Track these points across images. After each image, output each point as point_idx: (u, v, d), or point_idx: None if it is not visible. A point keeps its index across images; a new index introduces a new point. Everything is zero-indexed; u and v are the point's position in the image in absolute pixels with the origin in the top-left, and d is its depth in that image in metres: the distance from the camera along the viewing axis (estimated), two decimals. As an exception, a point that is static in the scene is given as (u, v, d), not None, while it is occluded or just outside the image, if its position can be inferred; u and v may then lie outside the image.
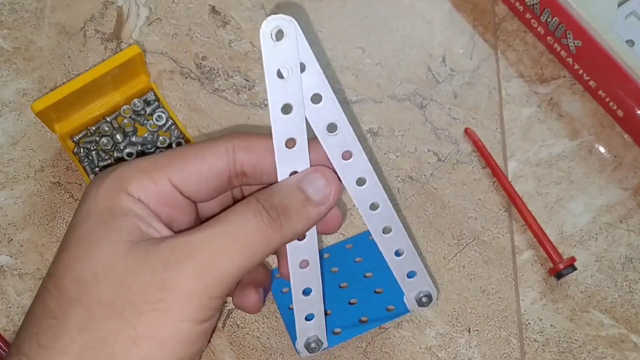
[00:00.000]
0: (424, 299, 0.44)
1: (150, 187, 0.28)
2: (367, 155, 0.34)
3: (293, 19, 0.28)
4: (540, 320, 0.49)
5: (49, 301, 0.27)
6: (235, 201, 0.33)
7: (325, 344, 0.43)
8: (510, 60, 0.57)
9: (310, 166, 0.30)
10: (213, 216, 0.29)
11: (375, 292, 0.47)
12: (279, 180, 0.30)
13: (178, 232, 0.29)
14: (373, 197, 0.36)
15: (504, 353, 0.48)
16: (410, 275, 0.42)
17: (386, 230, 0.39)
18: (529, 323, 0.49)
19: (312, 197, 0.28)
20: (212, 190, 0.30)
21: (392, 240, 0.39)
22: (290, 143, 0.31)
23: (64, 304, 0.26)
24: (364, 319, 0.46)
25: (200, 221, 0.33)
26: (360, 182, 0.35)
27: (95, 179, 0.29)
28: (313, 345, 0.42)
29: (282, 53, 0.29)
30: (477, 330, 0.49)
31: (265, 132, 0.53)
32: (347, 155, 0.33)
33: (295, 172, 0.31)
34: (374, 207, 0.37)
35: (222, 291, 0.27)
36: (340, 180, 0.31)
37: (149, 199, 0.28)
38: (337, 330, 0.45)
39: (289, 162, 0.31)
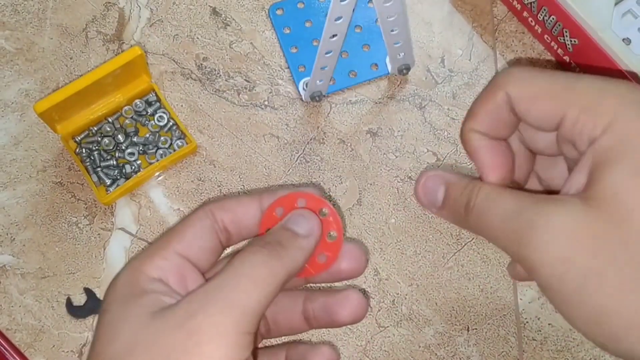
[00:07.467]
0: (404, 70, 0.54)
1: (163, 264, 0.31)
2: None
3: None
4: (539, 319, 0.49)
5: None
6: None
7: (324, 93, 0.54)
8: (508, 61, 0.57)
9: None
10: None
11: (363, 48, 0.56)
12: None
13: None
14: None
15: (503, 351, 0.48)
16: (397, 43, 0.51)
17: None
18: (527, 322, 0.49)
19: (298, 232, 0.32)
20: (211, 252, 0.34)
21: (390, 9, 0.46)
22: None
23: None
24: (353, 73, 0.55)
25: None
26: None
27: (115, 276, 0.32)
28: (316, 96, 0.53)
29: None
30: (476, 329, 0.49)
31: (264, 132, 0.54)
32: None
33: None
34: None
35: (250, 326, 0.29)
36: (319, 217, 0.34)
37: (165, 274, 0.31)
38: (332, 81, 0.54)
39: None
